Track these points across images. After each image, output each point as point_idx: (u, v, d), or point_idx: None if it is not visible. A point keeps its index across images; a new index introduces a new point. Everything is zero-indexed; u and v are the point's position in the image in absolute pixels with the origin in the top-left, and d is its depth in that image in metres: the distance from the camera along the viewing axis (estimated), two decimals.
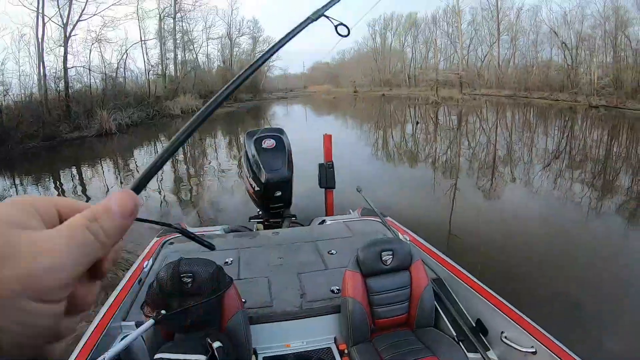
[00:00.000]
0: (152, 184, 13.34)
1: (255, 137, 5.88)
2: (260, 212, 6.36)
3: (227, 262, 4.14)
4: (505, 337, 2.98)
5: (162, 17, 40.52)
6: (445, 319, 3.34)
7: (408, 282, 3.26)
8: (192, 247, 4.38)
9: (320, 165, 6.97)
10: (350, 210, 6.22)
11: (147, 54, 39.20)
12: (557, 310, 5.11)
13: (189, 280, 2.72)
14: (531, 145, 18.16)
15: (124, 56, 35.31)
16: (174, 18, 41.58)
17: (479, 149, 18.11)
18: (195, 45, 45.01)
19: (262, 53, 0.77)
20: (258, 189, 5.78)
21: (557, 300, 5.42)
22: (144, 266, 4.01)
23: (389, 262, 3.20)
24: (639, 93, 28.64)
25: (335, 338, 3.41)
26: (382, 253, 3.20)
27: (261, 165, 5.63)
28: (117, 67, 34.51)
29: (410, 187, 11.98)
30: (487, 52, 45.92)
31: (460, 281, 3.58)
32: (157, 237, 4.92)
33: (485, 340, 3.18)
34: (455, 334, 3.19)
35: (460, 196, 10.87)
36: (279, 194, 5.78)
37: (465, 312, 3.42)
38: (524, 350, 2.79)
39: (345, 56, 63.91)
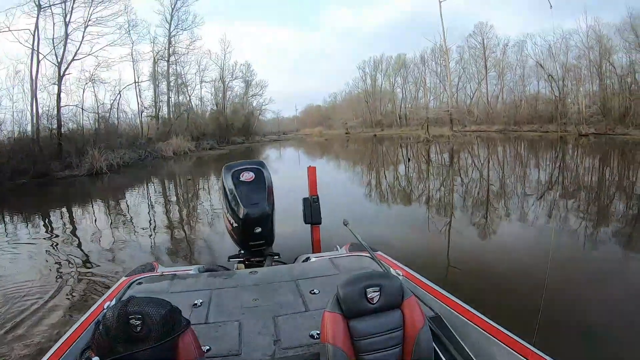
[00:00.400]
0: (142, 221, 13.10)
1: (233, 170, 5.48)
2: (240, 251, 5.88)
3: (195, 304, 3.68)
4: None
5: (156, 60, 41.49)
6: None
7: (400, 322, 2.75)
8: (163, 287, 4.07)
9: (305, 200, 6.49)
10: (338, 247, 5.77)
11: (140, 96, 39.95)
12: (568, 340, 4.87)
13: (138, 322, 2.30)
14: (524, 178, 17.93)
15: (117, 97, 35.78)
16: (168, 61, 42.56)
17: (472, 184, 17.85)
18: (188, 88, 45.86)
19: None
20: (236, 225, 5.36)
21: (564, 328, 5.19)
22: (104, 307, 3.52)
23: (375, 300, 2.70)
24: (626, 118, 29.02)
25: None
26: (367, 290, 2.69)
27: (239, 200, 5.26)
28: (111, 108, 34.95)
29: (403, 224, 11.65)
30: (475, 88, 46.68)
31: (462, 318, 3.12)
32: (125, 276, 4.56)
33: None
34: None
35: (456, 230, 10.60)
36: (258, 230, 5.35)
37: (470, 353, 2.92)
38: None
39: (337, 98, 64.84)
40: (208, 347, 2.94)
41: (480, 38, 46.10)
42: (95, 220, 13.82)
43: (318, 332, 3.06)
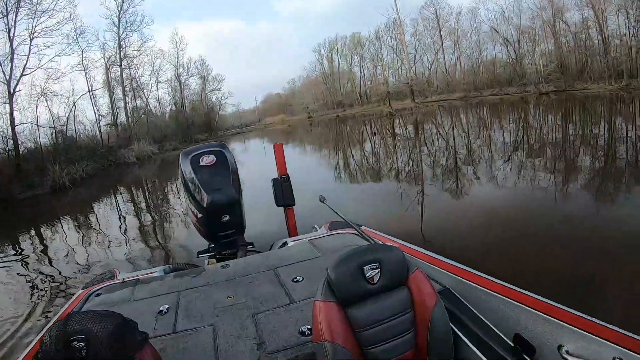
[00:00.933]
0: (109, 229, 12.89)
1: (191, 155, 4.83)
2: (210, 245, 5.28)
3: (161, 310, 3.15)
4: (567, 352, 2.03)
5: (108, 66, 39.95)
6: (469, 344, 2.36)
7: (408, 302, 2.23)
8: (124, 295, 3.52)
9: (274, 181, 5.87)
10: (316, 227, 5.33)
11: (96, 104, 38.37)
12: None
13: (82, 344, 1.77)
14: (490, 142, 17.97)
15: (72, 108, 34.43)
16: (121, 65, 40.97)
17: (439, 153, 17.78)
18: (145, 91, 44.41)
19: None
20: (201, 215, 4.79)
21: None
22: None
23: (376, 279, 2.16)
24: (584, 73, 29.65)
25: None
26: (364, 268, 2.15)
27: (201, 187, 4.64)
28: (67, 120, 33.62)
29: (378, 200, 11.46)
30: (433, 59, 46.61)
31: (478, 287, 2.62)
32: (82, 288, 4.01)
33: None
34: None
35: (430, 199, 10.45)
36: (226, 218, 4.79)
37: (494, 328, 2.44)
38: None
39: (296, 84, 64.23)
40: None
41: (433, 9, 46.14)
42: (64, 235, 13.32)
43: (309, 327, 2.59)
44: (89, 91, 37.53)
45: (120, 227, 13.14)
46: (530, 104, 28.94)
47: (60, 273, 9.00)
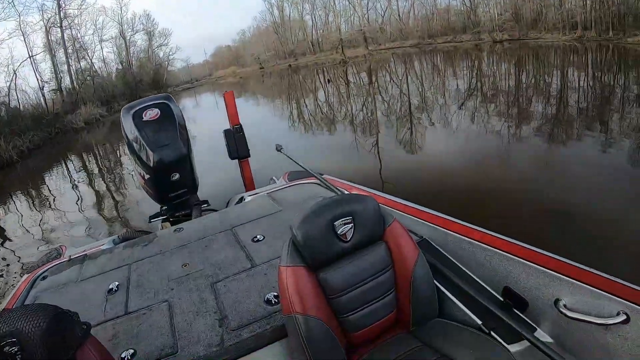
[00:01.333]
0: (60, 200, 12.29)
1: (133, 111, 4.34)
2: (162, 208, 4.92)
3: (111, 289, 2.83)
4: (565, 307, 1.82)
5: (48, 28, 37.62)
6: (454, 299, 2.12)
7: (387, 259, 1.97)
8: (71, 275, 3.16)
9: (227, 132, 5.46)
10: (275, 178, 5.03)
11: (38, 70, 36.25)
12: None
13: (15, 348, 1.45)
14: (444, 89, 18.08)
15: (13, 77, 32.59)
16: (61, 26, 38.65)
17: (393, 100, 17.72)
18: (88, 52, 42.30)
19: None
20: (149, 176, 4.38)
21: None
22: None
23: (349, 235, 1.87)
24: (538, 23, 30.21)
25: None
26: (335, 223, 1.85)
27: (146, 145, 4.19)
28: (9, 90, 31.83)
29: (335, 148, 11.33)
30: (386, 6, 46.06)
31: (459, 237, 2.35)
32: (27, 273, 3.59)
33: (526, 318, 2.03)
34: (478, 320, 1.99)
35: (387, 147, 10.39)
36: (176, 176, 4.43)
37: (480, 281, 2.24)
38: (603, 321, 1.67)
39: (246, 35, 62.92)
40: (132, 350, 2.13)
41: None
42: (15, 211, 12.53)
43: (275, 294, 2.37)
44: (30, 57, 35.41)
45: (70, 197, 12.46)
46: (484, 52, 29.45)
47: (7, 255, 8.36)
